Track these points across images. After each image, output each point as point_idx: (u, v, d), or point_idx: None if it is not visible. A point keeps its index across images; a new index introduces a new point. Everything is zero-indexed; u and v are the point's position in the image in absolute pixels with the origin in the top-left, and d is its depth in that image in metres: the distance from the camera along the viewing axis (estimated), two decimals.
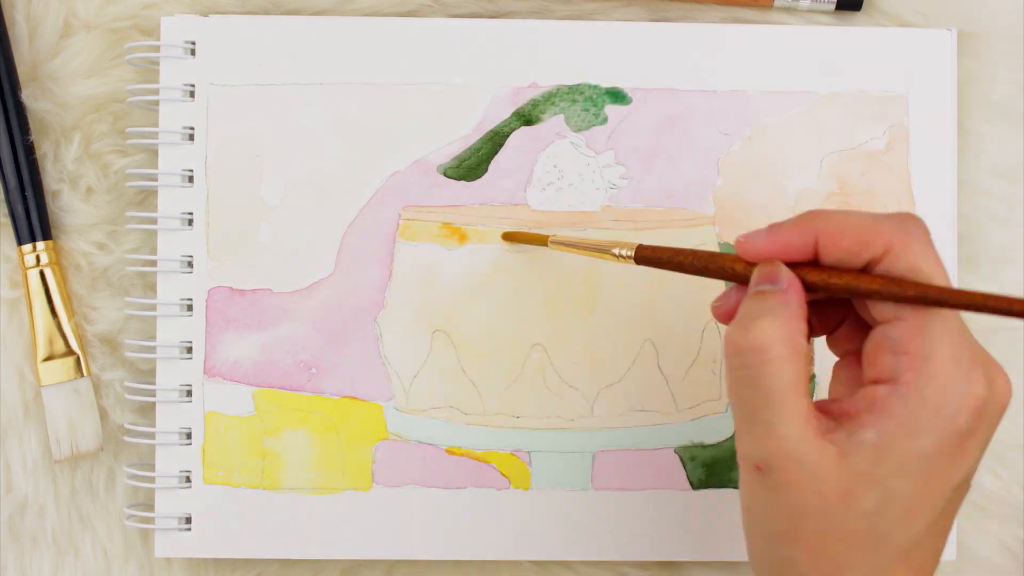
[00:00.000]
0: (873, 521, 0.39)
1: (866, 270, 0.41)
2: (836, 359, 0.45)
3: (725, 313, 0.44)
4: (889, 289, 0.40)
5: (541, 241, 0.52)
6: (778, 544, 0.40)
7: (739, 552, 0.55)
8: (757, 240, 0.42)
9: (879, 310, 0.41)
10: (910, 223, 0.41)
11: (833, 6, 0.56)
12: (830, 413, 0.41)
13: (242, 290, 0.54)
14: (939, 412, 0.39)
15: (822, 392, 0.54)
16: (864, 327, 0.43)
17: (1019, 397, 0.56)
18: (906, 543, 0.40)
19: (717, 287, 0.54)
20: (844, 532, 0.39)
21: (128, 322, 0.56)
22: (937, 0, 0.56)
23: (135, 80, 0.56)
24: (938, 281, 0.40)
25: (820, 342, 0.45)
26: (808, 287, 0.42)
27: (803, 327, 0.41)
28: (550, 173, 0.55)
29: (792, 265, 0.42)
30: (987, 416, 0.40)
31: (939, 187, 0.55)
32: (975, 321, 0.56)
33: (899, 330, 0.40)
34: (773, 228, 0.42)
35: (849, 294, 0.41)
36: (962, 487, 0.41)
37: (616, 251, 0.47)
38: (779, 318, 0.41)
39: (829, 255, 0.41)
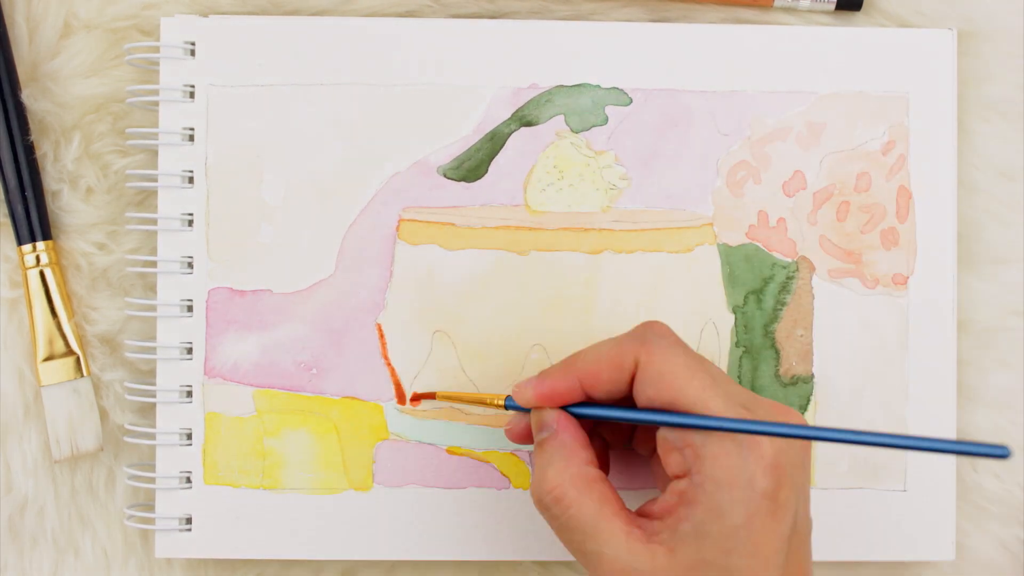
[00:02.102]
0: None
1: (632, 387, 0.45)
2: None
3: (516, 435, 0.49)
4: (645, 419, 0.45)
5: (430, 396, 0.54)
6: None
7: None
8: (527, 390, 0.47)
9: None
10: (649, 333, 0.46)
11: (833, 6, 0.56)
12: (652, 515, 0.44)
13: (242, 291, 0.54)
14: (734, 486, 0.42)
15: (822, 391, 0.55)
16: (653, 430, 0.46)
17: (1019, 396, 0.56)
18: None
19: (717, 286, 0.54)
20: None
21: (128, 322, 0.56)
22: (937, 0, 0.56)
23: (135, 80, 0.56)
24: (680, 377, 0.44)
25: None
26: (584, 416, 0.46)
27: (587, 455, 0.45)
28: (550, 174, 0.55)
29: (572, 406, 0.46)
30: (787, 461, 0.43)
31: (939, 187, 0.55)
32: (975, 321, 0.56)
33: (672, 430, 0.44)
34: (540, 377, 0.47)
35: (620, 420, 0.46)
36: (798, 532, 0.43)
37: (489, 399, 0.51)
38: (560, 462, 0.45)
39: (597, 391, 0.46)
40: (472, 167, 0.55)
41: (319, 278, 0.54)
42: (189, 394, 0.54)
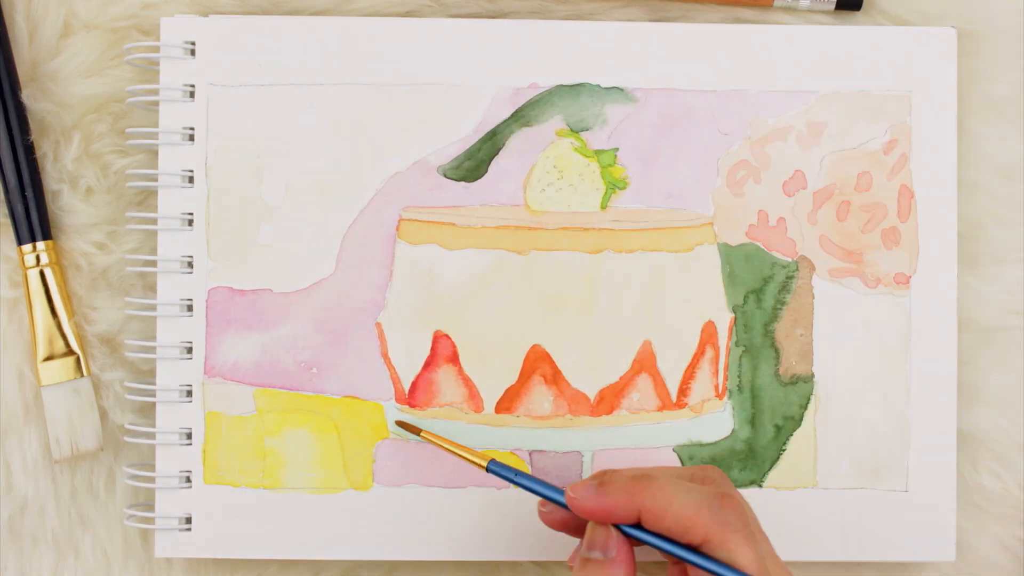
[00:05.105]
0: None
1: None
2: None
3: (554, 525, 0.49)
4: (698, 564, 0.44)
5: (415, 431, 0.53)
6: None
7: None
8: (587, 501, 0.46)
9: None
10: (729, 514, 0.44)
11: (833, 6, 0.56)
12: None
13: (242, 290, 0.54)
14: None
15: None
16: None
17: (1019, 396, 0.56)
18: None
19: (717, 285, 0.54)
20: None
21: (128, 322, 0.56)
22: (937, 0, 0.56)
23: (135, 80, 0.56)
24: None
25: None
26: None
27: None
28: (550, 174, 0.55)
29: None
30: None
31: (939, 187, 0.55)
32: (976, 321, 0.56)
33: None
34: (602, 491, 0.46)
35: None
36: None
37: (471, 457, 0.50)
38: None
39: (651, 526, 0.45)
40: (472, 167, 0.55)
41: (319, 278, 0.54)
42: (189, 394, 0.54)
